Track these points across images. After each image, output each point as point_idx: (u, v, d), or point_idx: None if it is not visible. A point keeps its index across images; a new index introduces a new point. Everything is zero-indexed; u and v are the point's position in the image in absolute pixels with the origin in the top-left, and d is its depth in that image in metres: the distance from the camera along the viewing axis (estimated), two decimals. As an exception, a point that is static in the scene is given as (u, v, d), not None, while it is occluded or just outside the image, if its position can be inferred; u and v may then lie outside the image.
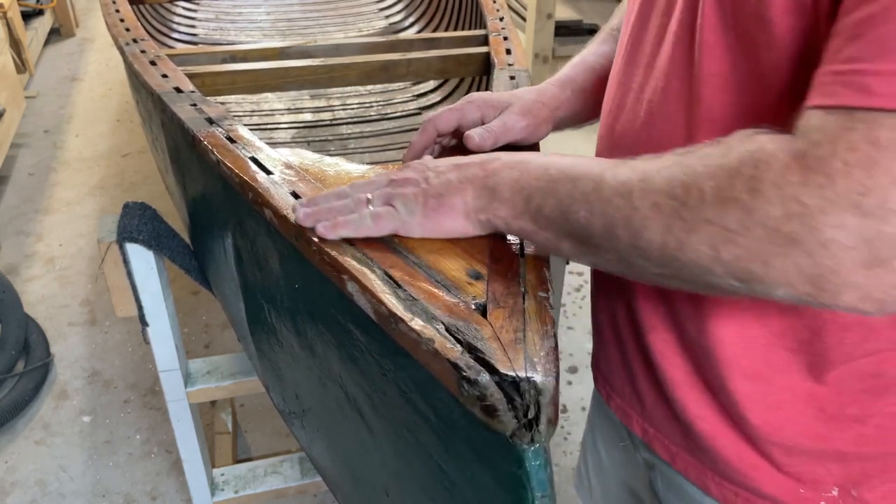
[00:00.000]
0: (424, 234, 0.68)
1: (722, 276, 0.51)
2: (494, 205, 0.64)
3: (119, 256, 1.20)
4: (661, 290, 0.72)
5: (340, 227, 0.69)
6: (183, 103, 1.16)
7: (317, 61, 1.60)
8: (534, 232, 0.63)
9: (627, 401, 0.83)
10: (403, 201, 0.68)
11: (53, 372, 2.16)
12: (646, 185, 0.54)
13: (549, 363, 0.55)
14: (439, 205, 0.66)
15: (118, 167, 3.16)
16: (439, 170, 0.68)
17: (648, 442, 0.81)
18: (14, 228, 2.79)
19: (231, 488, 1.53)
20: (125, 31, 1.64)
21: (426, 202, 0.67)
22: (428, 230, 0.68)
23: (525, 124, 0.89)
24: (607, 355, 0.85)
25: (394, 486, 0.77)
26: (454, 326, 0.59)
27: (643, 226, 0.54)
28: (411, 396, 0.64)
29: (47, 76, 4.00)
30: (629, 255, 0.56)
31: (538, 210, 0.62)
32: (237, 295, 1.08)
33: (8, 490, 1.83)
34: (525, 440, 0.53)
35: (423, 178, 0.68)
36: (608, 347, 0.84)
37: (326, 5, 2.91)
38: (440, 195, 0.66)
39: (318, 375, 0.86)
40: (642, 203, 0.54)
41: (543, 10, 3.28)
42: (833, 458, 0.70)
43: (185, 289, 2.38)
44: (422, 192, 0.67)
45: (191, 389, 1.41)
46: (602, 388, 0.88)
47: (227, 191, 0.96)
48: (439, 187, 0.66)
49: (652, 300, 0.73)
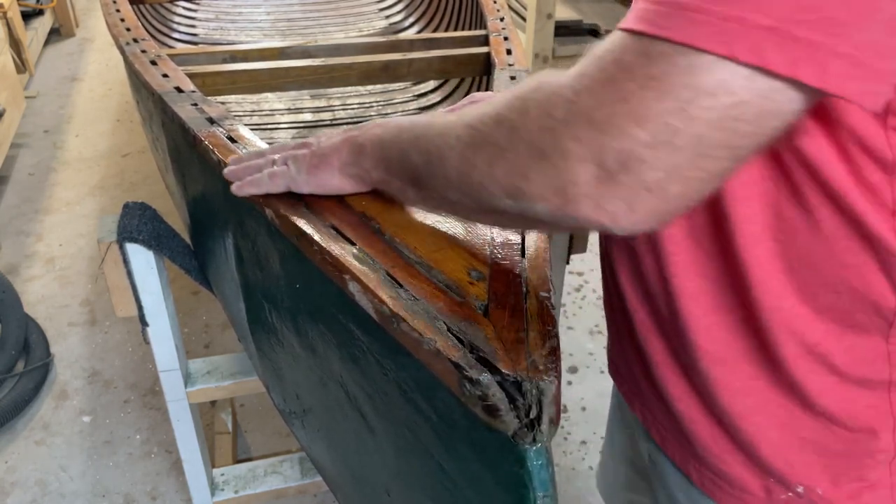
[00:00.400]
0: (311, 189, 0.77)
1: (498, 195, 0.54)
2: (361, 159, 0.71)
3: (119, 256, 1.20)
4: (636, 269, 0.72)
5: (246, 187, 0.81)
6: (183, 103, 1.16)
7: (317, 61, 1.60)
8: (388, 181, 0.69)
9: (630, 386, 0.84)
10: (294, 161, 0.77)
11: (53, 372, 2.16)
12: (459, 121, 0.58)
13: (550, 363, 0.55)
14: (321, 162, 0.75)
15: (118, 167, 3.16)
16: (330, 135, 0.76)
17: (648, 428, 0.82)
18: (14, 228, 2.79)
19: (231, 488, 1.53)
20: (125, 30, 1.64)
21: (311, 161, 0.75)
22: (313, 186, 0.76)
23: None
24: (613, 341, 0.86)
25: (395, 486, 0.77)
26: (456, 326, 0.59)
27: (449, 155, 0.58)
28: (412, 396, 0.64)
29: (47, 76, 4.00)
30: (445, 189, 0.60)
31: (388, 159, 0.68)
32: (237, 295, 1.08)
33: (8, 490, 1.83)
34: (527, 440, 0.53)
35: (316, 143, 0.76)
36: (613, 332, 0.85)
37: (327, 5, 2.91)
38: (323, 155, 0.75)
39: (319, 375, 0.86)
40: (452, 136, 0.58)
41: (543, 10, 3.28)
42: (798, 453, 0.69)
43: (185, 289, 2.38)
44: (310, 153, 0.76)
45: (191, 389, 1.40)
46: (613, 376, 0.89)
47: (227, 191, 0.96)
48: (324, 148, 0.75)
49: (631, 280, 0.74)
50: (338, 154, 0.73)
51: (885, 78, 0.45)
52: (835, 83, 0.43)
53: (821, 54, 0.43)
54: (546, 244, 0.73)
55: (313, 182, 0.76)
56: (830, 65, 0.43)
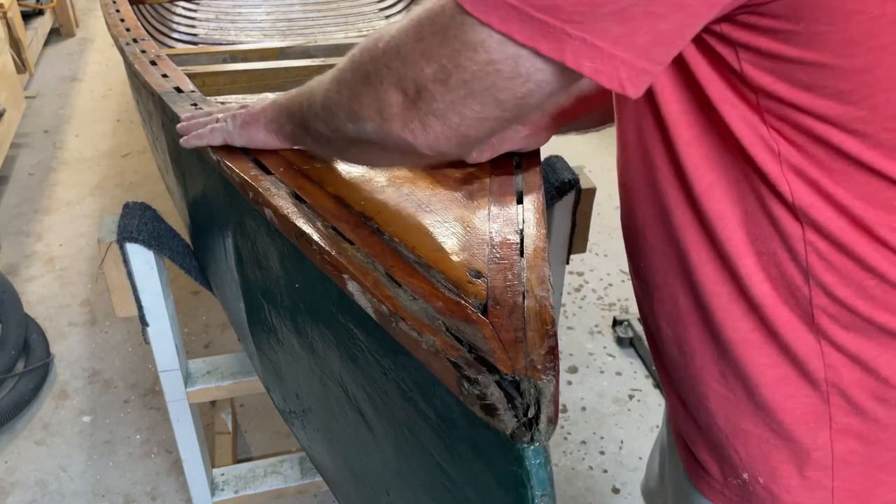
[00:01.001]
0: (243, 143, 0.89)
1: (344, 120, 0.66)
2: (279, 115, 0.83)
3: (119, 256, 1.20)
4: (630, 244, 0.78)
5: (192, 139, 0.94)
6: (183, 103, 1.16)
7: (317, 61, 1.60)
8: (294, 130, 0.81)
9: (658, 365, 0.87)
10: (231, 118, 0.90)
11: (53, 372, 2.16)
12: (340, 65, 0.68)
13: (549, 363, 0.55)
14: (252, 120, 0.87)
15: (118, 167, 3.16)
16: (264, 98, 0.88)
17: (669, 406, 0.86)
18: (14, 228, 2.79)
19: (231, 488, 1.53)
20: (125, 31, 1.64)
21: (244, 118, 0.88)
22: (245, 140, 0.89)
23: (525, 133, 0.90)
24: None
25: (394, 486, 0.77)
26: (454, 326, 0.59)
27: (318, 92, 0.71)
28: (412, 396, 0.64)
29: (47, 76, 4.00)
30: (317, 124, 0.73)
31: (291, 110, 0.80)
32: (237, 295, 1.08)
33: (8, 490, 1.83)
34: (525, 439, 0.53)
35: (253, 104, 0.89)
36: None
37: (326, 5, 2.91)
38: (254, 113, 0.87)
39: (319, 375, 0.86)
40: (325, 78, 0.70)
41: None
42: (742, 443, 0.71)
43: (185, 289, 2.38)
44: (245, 112, 0.89)
45: (191, 389, 1.40)
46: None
47: (227, 190, 0.97)
48: (255, 108, 0.88)
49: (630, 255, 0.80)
50: (264, 112, 0.86)
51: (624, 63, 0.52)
52: (571, 59, 0.52)
53: (556, 33, 0.51)
54: (545, 244, 0.73)
55: (244, 136, 0.88)
56: (566, 43, 0.51)
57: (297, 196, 0.81)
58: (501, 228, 0.76)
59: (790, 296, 0.63)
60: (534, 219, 0.78)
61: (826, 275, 0.61)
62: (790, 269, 0.62)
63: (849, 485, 0.69)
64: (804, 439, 0.68)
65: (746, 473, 0.72)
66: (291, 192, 0.82)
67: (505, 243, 0.71)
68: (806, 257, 0.61)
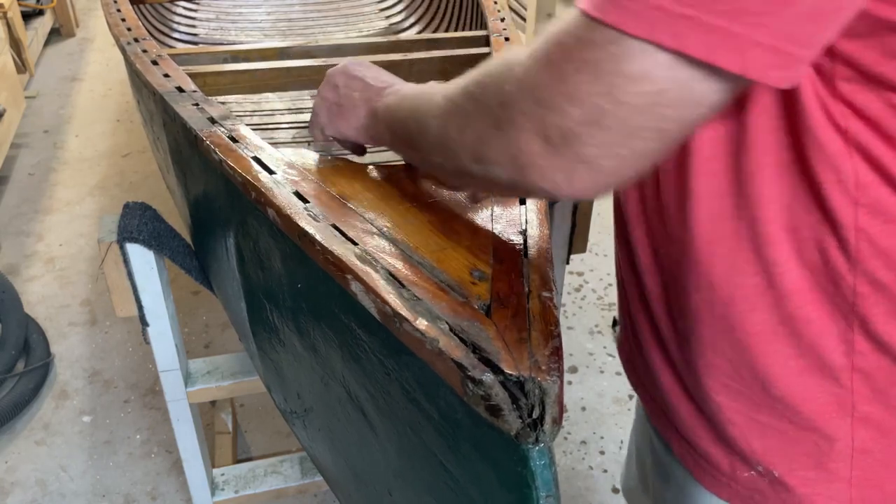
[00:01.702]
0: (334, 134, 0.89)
1: (467, 159, 0.59)
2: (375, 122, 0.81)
3: (119, 256, 1.20)
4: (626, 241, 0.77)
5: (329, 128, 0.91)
6: (185, 103, 1.16)
7: (318, 61, 1.60)
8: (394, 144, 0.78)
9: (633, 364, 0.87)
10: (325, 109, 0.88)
11: (53, 372, 2.16)
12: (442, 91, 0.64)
13: (553, 363, 0.55)
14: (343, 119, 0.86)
15: (118, 167, 3.16)
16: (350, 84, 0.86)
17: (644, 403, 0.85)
18: (14, 228, 2.78)
19: (231, 488, 1.53)
20: (126, 30, 1.64)
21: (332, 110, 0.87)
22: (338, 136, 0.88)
23: None
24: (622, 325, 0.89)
25: (397, 486, 0.77)
26: (458, 326, 0.59)
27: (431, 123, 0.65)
28: (415, 396, 0.64)
29: (47, 76, 4.00)
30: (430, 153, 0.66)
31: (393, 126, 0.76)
32: (238, 294, 1.08)
33: (8, 490, 1.83)
34: (529, 440, 0.53)
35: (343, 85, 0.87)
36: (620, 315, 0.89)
37: (327, 5, 2.91)
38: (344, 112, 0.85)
39: (321, 375, 0.86)
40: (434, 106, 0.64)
41: (544, 10, 3.28)
42: (759, 436, 0.70)
43: (185, 289, 2.38)
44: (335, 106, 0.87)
45: (191, 389, 1.40)
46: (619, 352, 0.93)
47: (229, 190, 0.96)
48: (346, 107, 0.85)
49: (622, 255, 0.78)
50: (356, 116, 0.84)
51: (806, 61, 0.46)
52: (755, 71, 0.45)
53: (738, 42, 0.44)
54: (548, 244, 0.73)
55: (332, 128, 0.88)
56: (749, 52, 0.44)
57: (298, 196, 0.81)
58: (505, 229, 0.76)
59: (829, 282, 0.61)
60: (537, 220, 0.78)
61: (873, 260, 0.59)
62: (834, 254, 0.60)
63: (867, 473, 0.68)
64: (826, 429, 0.67)
65: (761, 466, 0.71)
66: (293, 191, 0.82)
67: (508, 243, 0.71)
68: (856, 242, 0.59)
